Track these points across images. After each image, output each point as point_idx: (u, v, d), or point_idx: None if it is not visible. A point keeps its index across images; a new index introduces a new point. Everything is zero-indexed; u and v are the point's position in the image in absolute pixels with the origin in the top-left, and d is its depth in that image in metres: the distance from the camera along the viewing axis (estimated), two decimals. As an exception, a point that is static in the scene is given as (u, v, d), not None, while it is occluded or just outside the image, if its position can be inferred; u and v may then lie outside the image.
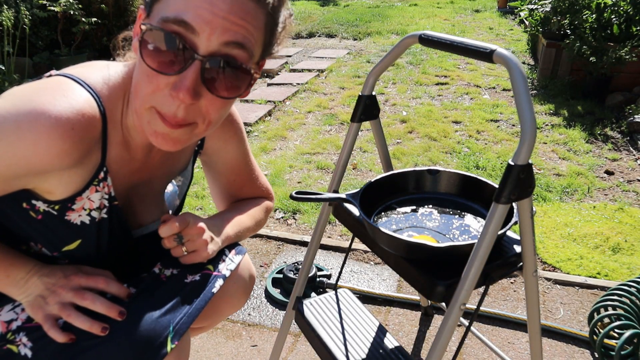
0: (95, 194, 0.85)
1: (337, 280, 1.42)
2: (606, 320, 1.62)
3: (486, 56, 0.85)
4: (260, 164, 3.14)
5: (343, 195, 1.08)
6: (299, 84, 4.73)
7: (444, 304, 1.50)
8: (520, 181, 0.81)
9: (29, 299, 0.84)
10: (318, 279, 1.91)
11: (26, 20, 4.02)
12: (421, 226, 1.08)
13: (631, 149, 3.28)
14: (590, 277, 2.00)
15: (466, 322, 1.54)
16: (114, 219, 0.91)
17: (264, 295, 1.92)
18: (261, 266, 2.09)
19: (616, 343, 1.50)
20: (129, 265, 1.00)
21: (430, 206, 1.15)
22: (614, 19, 4.05)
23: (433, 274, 0.91)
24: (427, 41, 0.99)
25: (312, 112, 4.06)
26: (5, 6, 3.83)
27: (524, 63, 5.33)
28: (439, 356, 0.90)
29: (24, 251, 0.90)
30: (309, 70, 5.20)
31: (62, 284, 0.84)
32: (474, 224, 1.08)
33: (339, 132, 3.65)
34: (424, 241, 0.97)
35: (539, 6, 4.68)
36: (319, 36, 7.00)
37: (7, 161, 0.72)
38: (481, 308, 1.79)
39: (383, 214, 1.13)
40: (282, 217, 2.51)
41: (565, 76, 4.39)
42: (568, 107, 3.98)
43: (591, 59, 3.91)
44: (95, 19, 4.56)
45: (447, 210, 1.14)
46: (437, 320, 1.78)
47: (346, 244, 2.21)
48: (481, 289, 1.87)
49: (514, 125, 3.68)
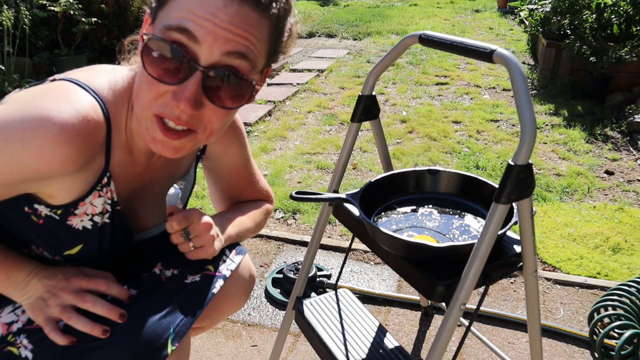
0: (98, 199, 0.85)
1: (337, 280, 1.42)
2: (606, 320, 1.62)
3: (486, 56, 0.86)
4: (260, 164, 3.14)
5: (343, 195, 1.08)
6: (299, 84, 4.73)
7: (444, 304, 1.50)
8: (520, 181, 0.81)
9: (29, 301, 0.84)
10: (318, 279, 1.91)
11: (26, 20, 4.02)
12: (421, 226, 1.08)
13: (631, 149, 3.28)
14: (590, 277, 2.00)
15: (466, 322, 1.54)
16: (117, 223, 0.91)
17: (264, 295, 1.92)
18: (261, 266, 2.09)
19: (616, 343, 1.50)
20: (129, 266, 1.00)
21: (430, 206, 1.15)
22: (614, 19, 4.05)
23: (433, 274, 0.91)
24: (427, 41, 0.99)
25: (312, 112, 4.06)
26: (5, 6, 3.82)
27: (524, 63, 5.33)
28: (439, 356, 0.90)
29: (24, 254, 0.89)
30: (309, 70, 5.20)
31: (63, 287, 0.84)
32: (474, 224, 1.08)
33: (339, 132, 3.65)
34: (424, 241, 0.97)
35: (539, 6, 4.68)
36: (319, 36, 7.00)
37: (11, 167, 0.72)
38: (481, 308, 1.79)
39: (383, 214, 1.13)
40: (282, 217, 2.51)
41: (565, 76, 4.39)
42: (568, 107, 3.98)
43: (591, 59, 3.91)
44: (95, 19, 4.55)
45: (447, 210, 1.14)
46: (437, 320, 1.77)
47: (346, 244, 2.21)
48: (481, 289, 1.87)
49: (514, 125, 3.68)
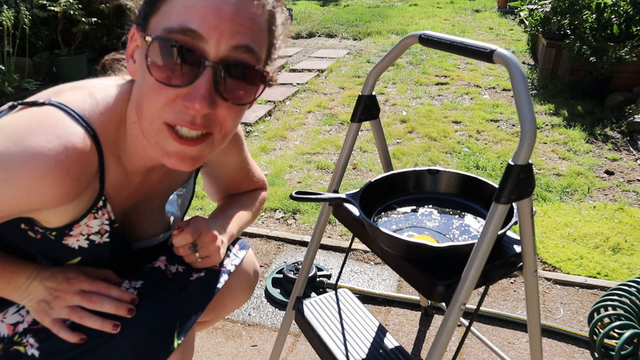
0: (93, 221, 0.84)
1: (337, 280, 1.42)
2: (606, 320, 1.62)
3: (486, 56, 0.85)
4: (260, 164, 3.14)
5: (343, 195, 1.08)
6: (299, 84, 4.73)
7: (444, 304, 1.50)
8: (520, 181, 0.81)
9: (32, 304, 0.84)
10: (318, 279, 1.91)
11: (26, 20, 4.02)
12: (421, 226, 1.08)
13: (631, 149, 3.28)
14: (590, 277, 2.00)
15: (466, 322, 1.54)
16: (117, 240, 0.91)
17: (264, 295, 1.92)
18: (261, 266, 2.09)
19: (616, 343, 1.50)
20: (130, 263, 1.00)
21: (430, 206, 1.15)
22: (614, 19, 4.05)
23: (433, 274, 0.91)
24: (427, 41, 0.99)
25: (312, 112, 4.06)
26: (5, 6, 3.83)
27: (524, 63, 5.33)
28: (439, 356, 0.90)
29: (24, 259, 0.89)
30: (309, 70, 5.20)
31: (64, 288, 0.84)
32: (474, 224, 1.08)
33: (339, 132, 3.65)
34: (424, 241, 0.97)
35: (539, 6, 4.67)
36: (319, 36, 7.00)
37: (0, 204, 0.70)
38: (481, 308, 1.79)
39: (383, 214, 1.13)
40: (282, 217, 2.51)
41: (565, 76, 4.39)
42: (568, 107, 3.97)
43: (591, 59, 3.90)
44: (95, 19, 4.56)
45: (447, 210, 1.14)
46: (437, 320, 1.77)
47: (346, 244, 2.21)
48: (481, 289, 1.87)
49: (514, 125, 3.68)
